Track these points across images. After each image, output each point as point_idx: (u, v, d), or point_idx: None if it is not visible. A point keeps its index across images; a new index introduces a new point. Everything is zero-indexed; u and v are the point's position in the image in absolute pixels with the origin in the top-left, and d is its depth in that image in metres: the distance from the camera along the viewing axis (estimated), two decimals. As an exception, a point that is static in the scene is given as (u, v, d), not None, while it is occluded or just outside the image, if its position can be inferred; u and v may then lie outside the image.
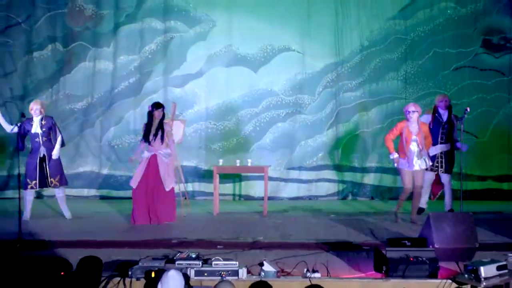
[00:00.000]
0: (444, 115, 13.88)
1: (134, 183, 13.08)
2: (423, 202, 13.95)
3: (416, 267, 8.50)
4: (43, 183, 13.53)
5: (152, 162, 13.03)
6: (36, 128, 13.47)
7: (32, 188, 13.45)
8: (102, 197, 17.07)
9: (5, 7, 17.26)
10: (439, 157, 13.82)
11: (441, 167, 13.87)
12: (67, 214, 13.69)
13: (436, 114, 13.88)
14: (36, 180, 13.42)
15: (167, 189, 13.00)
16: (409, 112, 12.86)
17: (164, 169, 13.02)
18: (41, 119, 13.53)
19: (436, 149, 13.75)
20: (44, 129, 13.48)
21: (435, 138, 13.67)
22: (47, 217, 13.80)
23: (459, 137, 13.60)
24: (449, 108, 13.91)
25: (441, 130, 13.83)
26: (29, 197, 13.51)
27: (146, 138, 13.11)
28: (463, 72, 16.82)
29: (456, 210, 12.98)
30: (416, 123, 12.82)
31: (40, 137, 13.45)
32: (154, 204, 12.95)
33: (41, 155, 13.46)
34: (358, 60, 17.03)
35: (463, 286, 8.27)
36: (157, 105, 13.20)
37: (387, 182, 16.82)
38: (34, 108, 13.52)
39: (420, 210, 13.64)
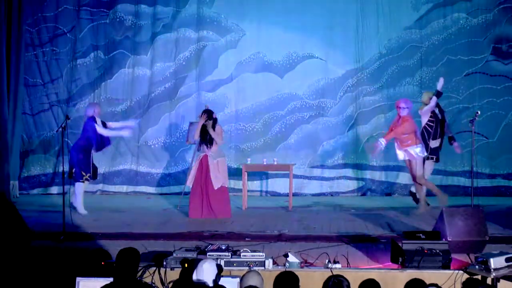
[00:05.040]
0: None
1: (190, 183, 13.14)
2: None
3: (430, 258, 8.43)
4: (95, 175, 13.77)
5: (204, 163, 13.04)
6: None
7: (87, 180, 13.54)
8: (140, 193, 17.09)
9: (53, 19, 17.35)
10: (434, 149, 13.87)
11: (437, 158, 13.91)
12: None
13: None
14: (90, 173, 13.55)
15: (215, 188, 12.99)
16: (399, 108, 13.02)
17: (213, 169, 13.02)
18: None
19: (433, 144, 13.75)
20: None
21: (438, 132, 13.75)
22: (90, 211, 13.77)
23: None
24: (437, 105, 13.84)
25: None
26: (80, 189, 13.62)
27: (203, 141, 13.14)
28: (474, 77, 16.69)
29: (468, 205, 12.87)
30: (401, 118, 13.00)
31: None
32: (208, 200, 12.96)
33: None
34: (377, 67, 16.95)
35: (474, 276, 8.19)
36: (204, 113, 13.25)
37: (403, 179, 16.68)
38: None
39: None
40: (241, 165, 15.16)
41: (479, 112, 12.13)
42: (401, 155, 13.37)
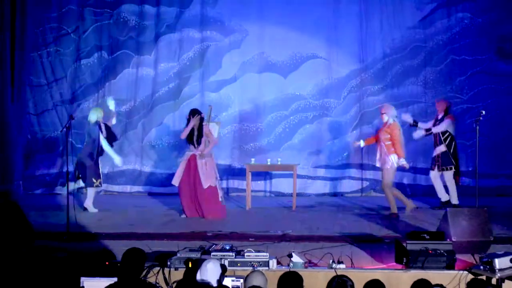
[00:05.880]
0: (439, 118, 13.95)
1: (176, 182, 13.07)
2: (454, 197, 13.91)
3: (434, 259, 8.41)
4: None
5: (192, 162, 13.00)
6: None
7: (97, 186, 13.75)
8: (144, 193, 17.09)
9: (57, 19, 17.35)
10: (437, 157, 13.91)
11: (438, 165, 13.94)
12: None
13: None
14: (100, 178, 13.73)
15: (204, 187, 12.96)
16: (381, 114, 13.13)
17: (201, 168, 12.99)
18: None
19: (436, 151, 13.84)
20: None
21: (435, 141, 13.94)
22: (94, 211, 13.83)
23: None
24: (445, 110, 13.87)
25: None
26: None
27: (190, 141, 13.07)
28: (479, 77, 16.66)
29: (472, 206, 12.84)
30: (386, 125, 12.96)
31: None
32: (198, 200, 12.94)
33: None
34: (381, 67, 16.93)
35: (478, 277, 8.17)
36: (194, 113, 13.16)
37: (408, 180, 16.69)
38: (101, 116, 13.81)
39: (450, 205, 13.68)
40: (245, 165, 15.14)
41: (483, 112, 12.09)
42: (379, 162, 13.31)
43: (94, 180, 13.62)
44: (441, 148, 13.89)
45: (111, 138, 14.11)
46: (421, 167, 15.99)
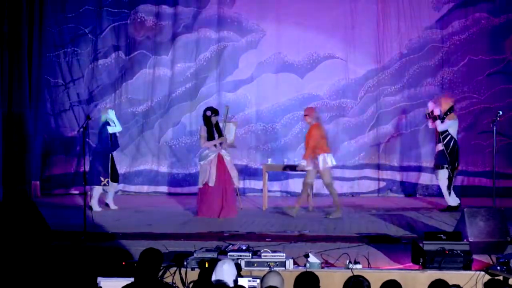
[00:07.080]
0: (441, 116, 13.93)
1: (212, 182, 12.91)
2: (447, 198, 13.89)
3: (451, 259, 8.39)
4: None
5: (219, 161, 12.98)
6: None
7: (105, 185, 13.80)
8: (160, 193, 17.13)
9: (74, 19, 17.40)
10: (436, 155, 14.10)
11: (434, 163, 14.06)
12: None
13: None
14: (108, 178, 13.77)
15: (236, 185, 13.05)
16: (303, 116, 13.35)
17: (230, 167, 13.02)
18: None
19: (438, 148, 13.81)
20: None
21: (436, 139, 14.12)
22: (112, 211, 13.89)
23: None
24: (449, 109, 13.83)
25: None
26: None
27: (211, 139, 13.04)
28: (496, 77, 16.61)
29: (489, 206, 12.80)
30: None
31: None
32: (223, 199, 12.91)
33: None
34: (398, 67, 16.91)
35: (495, 277, 8.15)
36: (215, 111, 13.16)
37: (424, 180, 16.67)
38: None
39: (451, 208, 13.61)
40: (261, 165, 15.16)
41: (500, 113, 12.05)
42: (308, 163, 13.35)
43: (102, 179, 13.66)
44: (439, 146, 13.88)
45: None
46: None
